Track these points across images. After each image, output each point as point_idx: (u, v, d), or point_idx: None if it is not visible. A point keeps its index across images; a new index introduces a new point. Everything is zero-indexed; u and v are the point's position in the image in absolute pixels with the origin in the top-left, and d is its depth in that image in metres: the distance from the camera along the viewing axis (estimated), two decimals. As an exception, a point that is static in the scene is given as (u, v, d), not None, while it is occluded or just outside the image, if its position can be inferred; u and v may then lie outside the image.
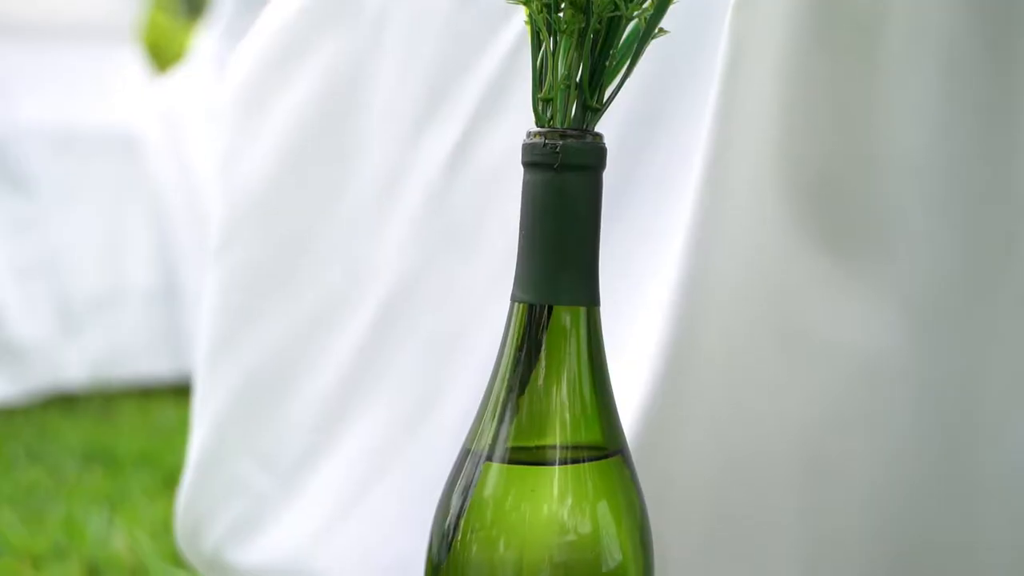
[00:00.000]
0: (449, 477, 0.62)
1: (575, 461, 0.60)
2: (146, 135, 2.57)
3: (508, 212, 0.75)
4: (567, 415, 0.60)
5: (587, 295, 0.61)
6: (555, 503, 0.60)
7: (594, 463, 0.60)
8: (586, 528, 0.60)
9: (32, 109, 2.44)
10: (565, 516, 0.60)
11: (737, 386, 0.73)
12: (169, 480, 1.57)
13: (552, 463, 0.60)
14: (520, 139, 0.61)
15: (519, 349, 0.61)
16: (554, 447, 0.60)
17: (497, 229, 0.81)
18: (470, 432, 0.62)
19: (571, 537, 0.59)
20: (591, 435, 0.60)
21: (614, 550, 0.60)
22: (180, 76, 2.88)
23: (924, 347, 0.73)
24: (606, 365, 0.62)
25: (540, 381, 0.60)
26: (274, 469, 0.88)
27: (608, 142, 0.61)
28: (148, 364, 2.46)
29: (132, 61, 2.76)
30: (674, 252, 0.70)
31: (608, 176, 0.62)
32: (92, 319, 2.42)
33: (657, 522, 0.64)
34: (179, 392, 2.30)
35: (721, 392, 0.73)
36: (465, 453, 0.62)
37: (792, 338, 0.74)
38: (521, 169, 0.60)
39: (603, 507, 0.60)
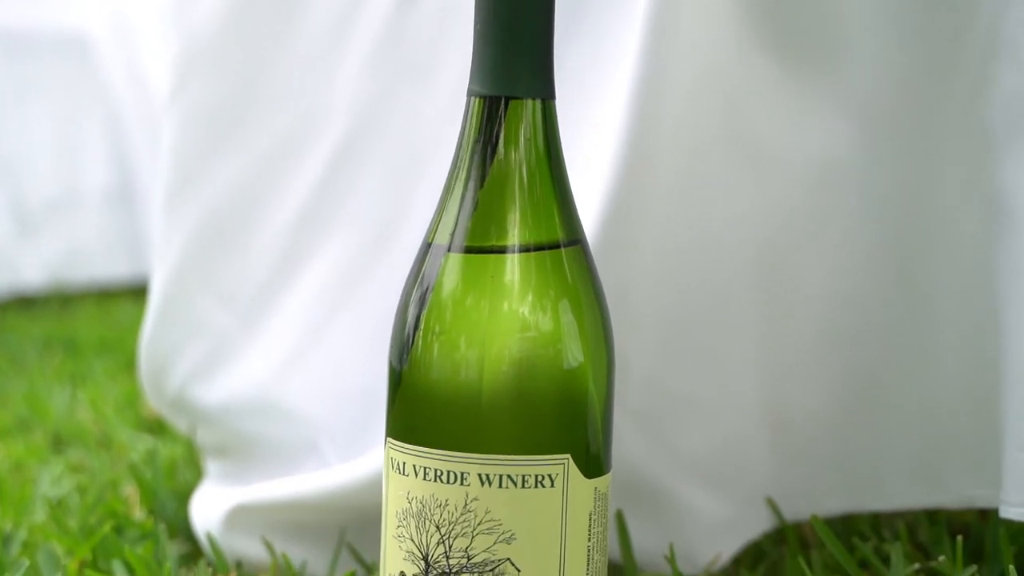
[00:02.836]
0: (409, 276, 0.63)
1: (537, 249, 0.60)
2: (98, 37, 2.54)
3: (464, 43, 0.75)
4: (526, 205, 0.61)
5: (543, 87, 0.61)
6: (516, 292, 0.60)
7: (554, 251, 0.61)
8: (547, 320, 0.60)
9: (-18, 12, 2.41)
10: (526, 309, 0.60)
11: (692, 192, 0.74)
12: (130, 363, 1.56)
13: (512, 251, 0.60)
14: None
15: (476, 142, 0.61)
16: (514, 236, 0.60)
17: (454, 59, 0.81)
18: (429, 227, 0.62)
19: (532, 333, 0.60)
20: (550, 224, 0.61)
21: (575, 346, 0.60)
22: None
23: (877, 155, 0.74)
24: (563, 158, 0.62)
25: (499, 173, 0.61)
26: (236, 306, 0.88)
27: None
28: (105, 266, 2.45)
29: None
30: (629, 60, 0.71)
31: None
32: (48, 222, 2.41)
33: (616, 327, 0.65)
34: (137, 293, 2.29)
35: (676, 200, 0.74)
36: (425, 248, 0.62)
37: (746, 147, 0.74)
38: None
39: (564, 300, 0.61)
